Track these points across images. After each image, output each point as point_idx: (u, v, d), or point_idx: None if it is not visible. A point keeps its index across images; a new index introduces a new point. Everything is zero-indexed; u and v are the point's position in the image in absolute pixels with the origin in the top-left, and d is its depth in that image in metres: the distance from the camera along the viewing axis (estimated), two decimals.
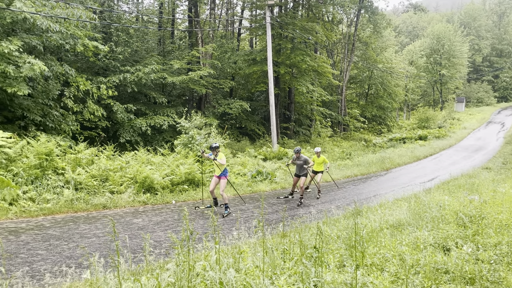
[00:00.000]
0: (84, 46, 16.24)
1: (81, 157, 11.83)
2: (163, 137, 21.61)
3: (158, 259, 6.06)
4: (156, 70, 20.67)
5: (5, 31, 14.90)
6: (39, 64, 12.74)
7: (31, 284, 4.81)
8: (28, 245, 6.81)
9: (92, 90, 18.09)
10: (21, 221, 8.40)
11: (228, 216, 10.24)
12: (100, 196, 10.69)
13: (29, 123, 15.53)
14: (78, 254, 6.57)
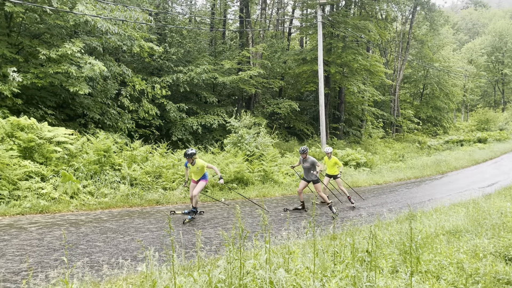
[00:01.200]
0: (140, 47, 16.87)
1: (136, 154, 12.29)
2: (213, 136, 21.99)
3: (209, 256, 6.16)
4: (207, 70, 21.07)
5: (68, 34, 15.82)
6: (99, 65, 13.38)
7: (91, 274, 5.04)
8: (87, 236, 7.16)
9: (147, 90, 18.77)
10: (80, 214, 8.86)
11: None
12: (153, 192, 11.06)
13: (88, 120, 16.38)
14: (133, 247, 6.82)
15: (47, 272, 5.26)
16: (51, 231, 7.27)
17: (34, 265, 5.43)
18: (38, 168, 9.55)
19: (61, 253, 6.07)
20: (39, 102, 14.99)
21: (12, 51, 13.39)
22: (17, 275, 5.13)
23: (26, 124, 10.30)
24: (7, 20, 14.61)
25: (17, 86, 12.60)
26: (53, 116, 14.62)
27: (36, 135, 10.15)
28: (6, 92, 12.37)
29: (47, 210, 8.62)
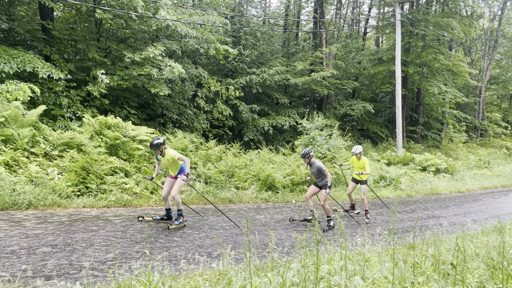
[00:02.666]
0: (216, 49, 17.37)
1: (211, 153, 12.66)
2: (284, 137, 22.02)
3: (281, 257, 6.13)
4: (280, 72, 21.16)
5: (150, 38, 16.74)
6: (178, 67, 14.00)
7: (169, 267, 5.25)
8: (165, 231, 7.48)
9: (221, 91, 19.29)
10: (159, 209, 9.30)
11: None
12: (226, 190, 11.30)
13: (167, 120, 17.22)
14: (208, 244, 7.00)
15: (130, 263, 5.57)
16: (133, 224, 7.70)
17: (118, 255, 5.77)
18: (122, 164, 10.19)
19: (142, 246, 6.40)
20: (124, 102, 16.05)
21: (101, 54, 14.47)
22: (103, 264, 5.48)
23: (113, 123, 11.06)
24: (97, 26, 15.83)
25: (104, 88, 13.58)
26: (135, 116, 15.57)
27: (121, 133, 10.85)
28: (95, 93, 13.39)
29: (130, 204, 9.17)
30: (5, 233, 6.20)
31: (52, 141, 10.11)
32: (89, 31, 16.06)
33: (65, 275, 4.92)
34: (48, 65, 12.20)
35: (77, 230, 6.77)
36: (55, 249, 5.79)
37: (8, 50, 11.80)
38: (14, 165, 8.85)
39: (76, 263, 5.34)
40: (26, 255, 5.42)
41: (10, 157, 8.83)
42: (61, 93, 13.14)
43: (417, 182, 16.31)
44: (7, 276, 4.57)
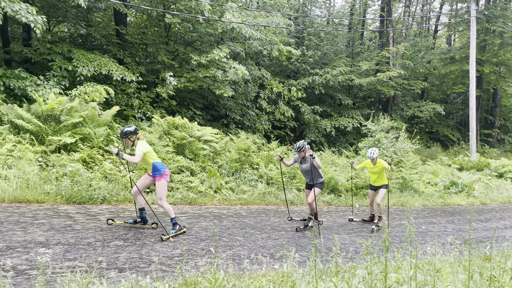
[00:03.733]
0: (279, 51, 17.40)
1: (273, 154, 12.69)
2: (346, 139, 21.54)
3: (345, 263, 5.98)
4: (343, 72, 20.73)
5: (216, 40, 17.16)
6: (242, 69, 14.20)
7: (233, 266, 5.32)
8: (229, 230, 7.60)
9: (283, 92, 19.29)
10: (222, 208, 9.49)
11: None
12: (288, 192, 11.27)
13: (230, 121, 17.54)
14: (270, 244, 7.01)
15: (195, 260, 5.72)
16: (198, 221, 7.91)
17: (185, 252, 5.96)
18: (188, 163, 10.53)
19: (206, 244, 6.55)
20: (189, 103, 16.59)
21: (169, 57, 15.07)
22: (171, 259, 5.68)
23: (180, 124, 11.46)
24: (166, 30, 16.51)
25: (172, 89, 14.12)
26: (200, 117, 16.04)
27: (188, 133, 11.21)
28: (164, 94, 13.97)
29: (195, 202, 9.44)
30: (82, 226, 6.63)
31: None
32: (159, 35, 16.80)
33: (135, 268, 5.15)
34: (122, 68, 12.92)
35: (146, 226, 7.08)
36: (127, 243, 6.09)
37: (86, 54, 12.66)
38: (90, 162, 9.47)
39: (145, 257, 5.59)
40: (101, 247, 5.76)
41: (87, 154, 9.45)
42: (132, 94, 13.87)
43: (492, 189, 15.19)
44: (85, 266, 4.88)
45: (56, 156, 9.06)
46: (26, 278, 4.45)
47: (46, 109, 9.56)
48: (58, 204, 7.75)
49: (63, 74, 11.88)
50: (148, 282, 4.33)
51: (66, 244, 5.67)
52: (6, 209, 6.97)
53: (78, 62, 11.97)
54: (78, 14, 15.29)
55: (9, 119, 9.43)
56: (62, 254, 5.28)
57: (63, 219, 6.86)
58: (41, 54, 12.54)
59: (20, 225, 6.23)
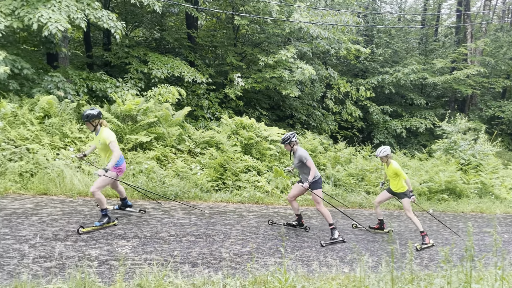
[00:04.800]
0: (347, 50, 17.02)
1: (340, 156, 12.44)
2: (418, 141, 20.53)
3: (420, 270, 5.70)
4: (416, 70, 19.78)
5: (283, 41, 17.18)
6: (308, 69, 14.08)
7: (301, 267, 5.28)
8: (296, 231, 7.57)
9: (351, 92, 18.84)
10: (289, 208, 9.46)
11: None
12: (356, 194, 10.98)
13: (296, 121, 17.47)
14: (339, 247, 6.87)
15: (264, 258, 5.76)
16: (265, 220, 7.97)
17: (253, 250, 6.02)
18: (255, 163, 10.64)
19: (274, 243, 6.58)
20: (256, 104, 16.77)
21: (237, 59, 15.35)
22: (240, 257, 5.77)
23: (247, 124, 11.63)
24: (234, 32, 16.83)
25: (240, 90, 14.37)
26: (266, 117, 16.15)
27: (255, 133, 11.33)
28: (231, 95, 14.25)
29: (262, 201, 9.52)
30: (157, 221, 6.96)
31: (195, 139, 11.05)
32: (227, 37, 17.17)
33: (207, 264, 5.30)
34: (193, 70, 13.38)
35: (216, 223, 7.26)
36: (198, 239, 6.29)
37: (160, 57, 13.28)
38: (164, 160, 9.92)
39: (216, 254, 5.73)
40: (174, 242, 6.00)
41: (161, 152, 9.91)
42: (202, 95, 14.31)
43: None
44: (160, 259, 5.11)
45: (133, 153, 9.59)
46: (108, 268, 4.75)
47: (124, 109, 10.17)
48: (135, 199, 8.20)
49: (139, 76, 12.56)
50: (219, 278, 4.43)
51: (142, 238, 5.98)
52: (89, 203, 7.50)
53: (153, 65, 12.59)
54: (153, 19, 16.09)
55: None
56: (139, 247, 5.57)
57: (139, 214, 7.24)
58: (119, 58, 13.36)
59: None
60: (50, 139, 8.88)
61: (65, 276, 4.19)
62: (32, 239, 5.27)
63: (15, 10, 9.64)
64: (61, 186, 7.78)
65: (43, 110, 9.52)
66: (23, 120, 8.97)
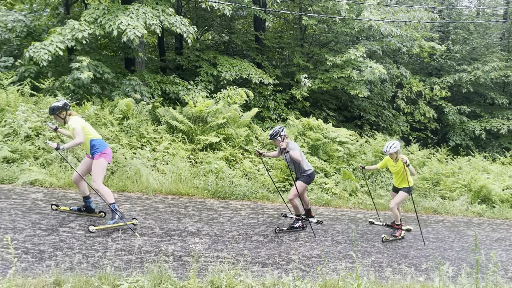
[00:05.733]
0: (420, 47, 16.22)
1: (413, 158, 11.88)
2: (500, 143, 19.01)
3: (505, 283, 5.27)
4: (497, 68, 18.33)
5: (351, 40, 16.79)
6: (379, 68, 13.61)
7: (373, 273, 5.10)
8: (366, 235, 7.35)
9: (424, 91, 17.93)
10: (358, 212, 9.22)
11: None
12: (430, 199, 10.43)
13: (364, 122, 16.99)
14: (412, 254, 6.57)
15: (334, 262, 5.66)
16: (333, 224, 7.83)
17: (322, 254, 5.93)
18: (322, 164, 10.50)
19: (343, 247, 6.43)
20: (323, 104, 16.55)
21: (304, 59, 15.26)
22: (309, 259, 5.72)
23: (315, 125, 11.50)
24: (302, 32, 16.76)
25: (306, 91, 14.26)
26: (333, 118, 15.87)
27: (322, 134, 11.18)
28: (298, 96, 14.20)
29: (329, 204, 9.37)
30: (226, 220, 7.10)
31: (262, 140, 11.15)
32: (294, 38, 17.13)
33: (276, 265, 5.31)
34: (260, 72, 13.52)
35: (284, 224, 7.25)
36: (267, 239, 6.32)
37: (229, 60, 13.58)
38: (232, 160, 10.12)
39: (285, 255, 5.72)
40: (244, 241, 6.08)
41: (229, 153, 10.12)
42: (268, 96, 14.41)
43: None
44: (231, 258, 5.20)
45: (203, 154, 9.90)
46: (182, 264, 4.93)
47: (195, 111, 10.53)
48: (205, 198, 8.45)
49: (209, 79, 12.94)
50: (289, 280, 4.41)
51: (213, 236, 6.14)
52: (163, 200, 7.85)
53: (222, 68, 12.91)
54: (222, 22, 16.52)
55: (166, 120, 10.63)
56: (210, 245, 5.72)
57: (209, 212, 7.44)
58: (190, 61, 13.87)
59: (175, 215, 6.95)
60: (128, 139, 9.44)
61: (143, 269, 4.41)
62: (113, 233, 5.62)
63: (97, 19, 10.39)
64: (138, 184, 8.22)
65: (122, 112, 10.14)
66: (104, 121, 9.62)
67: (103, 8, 10.52)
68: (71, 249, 4.89)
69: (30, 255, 4.58)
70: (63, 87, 10.59)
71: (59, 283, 3.78)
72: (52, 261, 4.47)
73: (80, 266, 4.39)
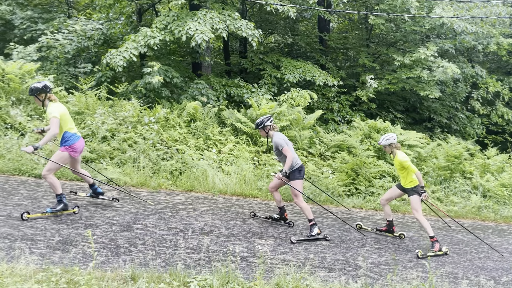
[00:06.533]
0: (498, 45, 15.07)
1: (490, 163, 11.08)
2: None
3: None
4: None
5: (421, 39, 16.03)
6: (452, 67, 12.86)
7: (448, 285, 4.81)
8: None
9: (502, 92, 16.63)
10: (429, 219, 8.72)
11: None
12: (510, 207, 9.65)
13: (435, 124, 16.12)
14: (491, 267, 6.12)
15: (404, 271, 5.42)
16: (402, 230, 7.49)
17: (392, 262, 5.70)
18: (390, 168, 10.11)
19: (414, 255, 6.15)
20: (390, 106, 15.95)
21: (370, 60, 14.81)
22: (377, 267, 5.53)
23: (382, 127, 11.13)
24: (368, 32, 16.30)
25: (372, 92, 13.84)
26: (401, 120, 15.23)
27: None
28: (363, 97, 13.81)
29: (398, 209, 9.00)
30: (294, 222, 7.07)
31: (326, 142, 10.98)
32: (359, 38, 16.71)
33: (342, 270, 5.19)
34: (324, 73, 13.34)
35: (349, 229, 7.08)
36: (332, 244, 6.21)
37: (292, 62, 13.55)
38: None
39: (351, 261, 5.58)
40: (308, 245, 6.02)
41: None
42: (332, 98, 14.17)
43: None
44: (296, 261, 5.17)
45: (267, 156, 9.95)
46: (248, 265, 4.98)
47: (259, 113, 10.61)
48: (269, 200, 8.48)
49: (272, 81, 13.00)
50: (358, 287, 4.29)
51: (278, 238, 6.14)
52: (228, 201, 8.00)
53: (285, 70, 12.91)
54: (286, 25, 16.52)
55: (231, 122, 10.84)
56: (275, 247, 5.73)
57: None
58: (254, 65, 14.02)
59: (240, 216, 7.05)
60: (195, 141, 9.74)
61: (211, 268, 4.52)
62: (182, 232, 5.82)
63: (167, 25, 10.85)
64: (204, 184, 8.45)
65: (189, 115, 10.50)
66: (173, 123, 10.01)
67: (173, 15, 10.97)
68: (144, 245, 5.13)
69: (107, 250, 4.87)
70: (135, 91, 11.20)
71: (134, 278, 3.98)
72: (127, 256, 4.73)
73: (153, 262, 4.59)
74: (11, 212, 5.66)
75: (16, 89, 9.81)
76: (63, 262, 4.23)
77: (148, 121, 9.50)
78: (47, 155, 7.50)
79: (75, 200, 6.53)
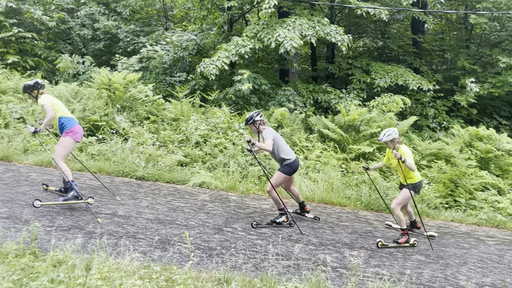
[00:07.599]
0: None
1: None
2: None
3: None
4: None
5: None
6: None
7: None
8: None
9: None
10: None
11: None
12: None
13: None
14: None
15: None
16: (509, 249, 6.77)
17: (500, 283, 5.16)
18: (495, 180, 9.21)
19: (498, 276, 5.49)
20: (493, 112, 14.58)
21: (470, 62, 13.69)
22: (481, 287, 5.04)
23: (484, 135, 10.19)
24: (467, 32, 15.11)
25: (473, 96, 12.78)
26: (507, 127, 13.83)
27: (494, 146, 9.84)
28: (462, 102, 12.81)
29: (504, 225, 8.13)
30: (382, 234, 6.74)
31: (421, 151, 10.35)
32: (458, 39, 15.57)
33: None
34: (418, 77, 12.63)
35: (448, 244, 6.56)
36: (429, 259, 5.80)
37: (383, 66, 13.03)
38: (387, 171, 9.62)
39: (452, 280, 5.15)
40: (402, 259, 5.68)
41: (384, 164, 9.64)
42: (427, 103, 13.34)
43: None
44: (390, 276, 4.90)
45: (356, 163, 9.65)
46: (338, 275, 4.84)
47: (348, 120, 10.37)
48: (358, 209, 8.20)
49: (361, 86, 12.62)
50: None
51: (369, 250, 5.89)
52: (315, 208, 7.88)
53: (375, 74, 12.46)
54: (376, 28, 15.98)
55: (318, 128, 10.72)
56: (367, 259, 5.50)
57: (363, 225, 7.19)
58: (341, 70, 13.74)
59: (328, 225, 6.91)
60: None
61: (300, 276, 4.47)
62: (271, 237, 5.85)
63: (257, 33, 11.09)
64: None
65: (277, 121, 10.59)
66: None
67: (263, 23, 11.20)
68: (235, 249, 5.25)
69: (201, 251, 5.06)
70: (226, 98, 11.60)
71: (227, 280, 4.08)
72: (219, 259, 4.87)
73: (244, 266, 4.67)
74: (115, 211, 6.17)
75: (120, 97, 10.72)
76: (162, 261, 4.48)
77: (238, 127, 9.77)
78: None
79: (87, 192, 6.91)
